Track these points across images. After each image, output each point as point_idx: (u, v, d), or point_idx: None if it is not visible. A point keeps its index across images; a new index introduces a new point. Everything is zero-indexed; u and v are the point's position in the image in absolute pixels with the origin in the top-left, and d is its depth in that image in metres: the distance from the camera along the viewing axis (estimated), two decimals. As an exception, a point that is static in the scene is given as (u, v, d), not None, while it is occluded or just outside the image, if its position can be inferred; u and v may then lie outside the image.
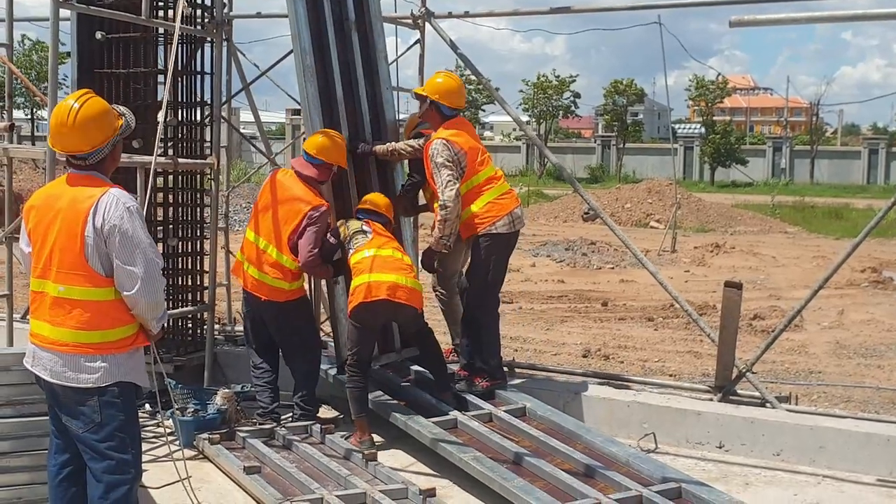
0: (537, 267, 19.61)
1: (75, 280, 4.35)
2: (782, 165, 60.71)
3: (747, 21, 6.45)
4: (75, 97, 4.47)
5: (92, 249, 4.33)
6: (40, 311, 4.45)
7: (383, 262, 6.68)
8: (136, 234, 4.36)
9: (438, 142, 7.04)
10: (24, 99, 49.36)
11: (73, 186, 4.44)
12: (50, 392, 4.52)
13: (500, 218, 7.11)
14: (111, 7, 7.64)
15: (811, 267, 20.17)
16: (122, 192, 4.45)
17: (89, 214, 4.32)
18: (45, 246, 4.43)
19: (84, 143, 4.42)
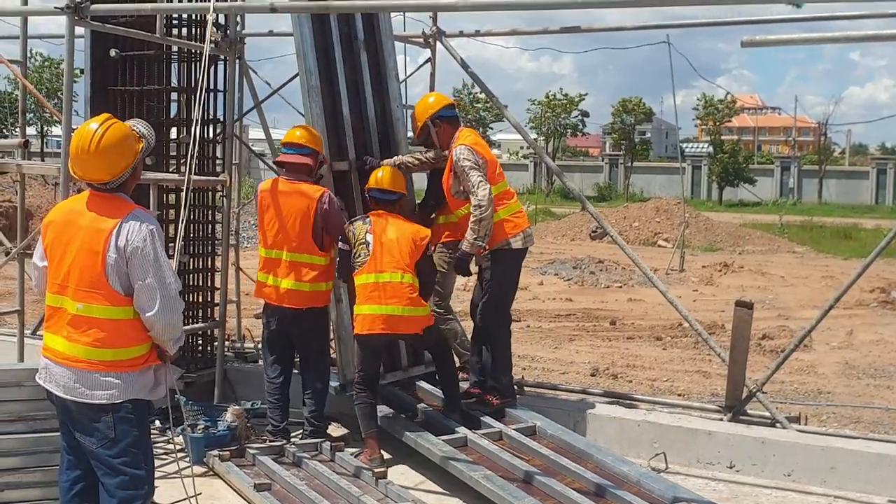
0: (545, 285, 19.59)
1: (94, 298, 4.37)
2: (790, 185, 60.67)
3: (759, 41, 6.47)
4: (98, 121, 4.48)
5: (112, 269, 4.35)
6: (56, 326, 4.47)
7: (381, 290, 6.72)
8: (158, 257, 4.39)
9: (463, 147, 7.07)
10: (35, 115, 49.61)
11: (96, 205, 4.46)
12: (63, 408, 4.53)
13: (515, 234, 7.15)
14: (126, 25, 7.69)
15: (820, 287, 20.12)
16: (145, 213, 4.50)
17: (112, 235, 4.34)
18: (63, 263, 4.45)
19: (106, 172, 4.44)
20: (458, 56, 8.58)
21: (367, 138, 7.79)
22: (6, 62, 8.28)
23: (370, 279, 6.76)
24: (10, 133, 42.18)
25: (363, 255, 6.81)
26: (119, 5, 7.75)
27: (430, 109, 7.40)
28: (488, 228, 6.95)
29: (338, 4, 7.53)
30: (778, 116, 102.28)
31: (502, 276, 7.21)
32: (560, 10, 7.24)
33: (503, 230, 7.11)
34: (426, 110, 7.42)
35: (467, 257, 7.09)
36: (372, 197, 7.17)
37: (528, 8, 6.49)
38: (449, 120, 7.39)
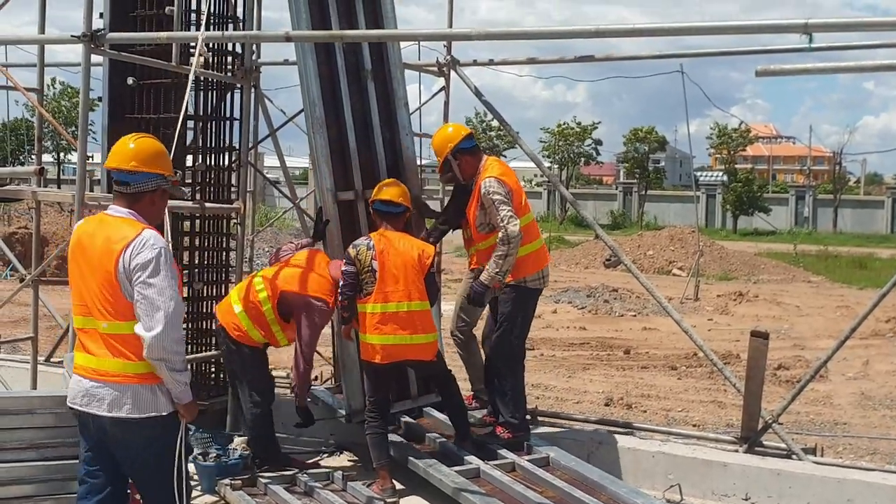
0: (559, 313, 19.54)
1: (116, 316, 4.44)
2: (805, 214, 60.49)
3: (773, 71, 6.48)
4: (135, 136, 4.76)
5: (125, 285, 4.41)
6: (89, 345, 4.53)
7: (389, 319, 6.67)
8: (160, 274, 4.39)
9: (493, 180, 7.03)
10: (52, 143, 49.98)
11: (109, 227, 4.55)
12: (98, 429, 4.52)
13: (533, 273, 7.13)
14: (142, 53, 7.74)
15: (835, 317, 20.01)
16: (155, 234, 4.53)
17: (122, 252, 4.41)
18: (84, 283, 4.53)
19: (134, 161, 4.58)
20: (472, 85, 8.60)
21: (375, 168, 7.80)
22: (22, 90, 8.34)
23: (377, 308, 6.69)
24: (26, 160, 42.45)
25: (370, 284, 6.73)
26: (135, 34, 7.82)
27: (449, 143, 7.33)
28: (512, 264, 6.92)
29: (352, 34, 7.59)
30: (792, 146, 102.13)
31: (517, 313, 7.18)
32: (574, 38, 7.26)
33: (524, 266, 7.08)
34: (445, 143, 7.34)
35: (485, 290, 7.06)
36: (376, 210, 7.05)
37: (541, 37, 6.52)
38: (470, 151, 7.34)
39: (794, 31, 5.34)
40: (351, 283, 6.78)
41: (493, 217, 6.96)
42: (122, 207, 4.58)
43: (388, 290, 6.70)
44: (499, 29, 6.77)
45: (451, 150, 7.31)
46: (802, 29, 5.26)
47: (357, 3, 7.90)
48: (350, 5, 7.88)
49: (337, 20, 7.72)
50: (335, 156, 7.59)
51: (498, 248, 6.88)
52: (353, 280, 6.78)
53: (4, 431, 5.36)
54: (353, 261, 6.77)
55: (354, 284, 6.78)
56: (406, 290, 6.72)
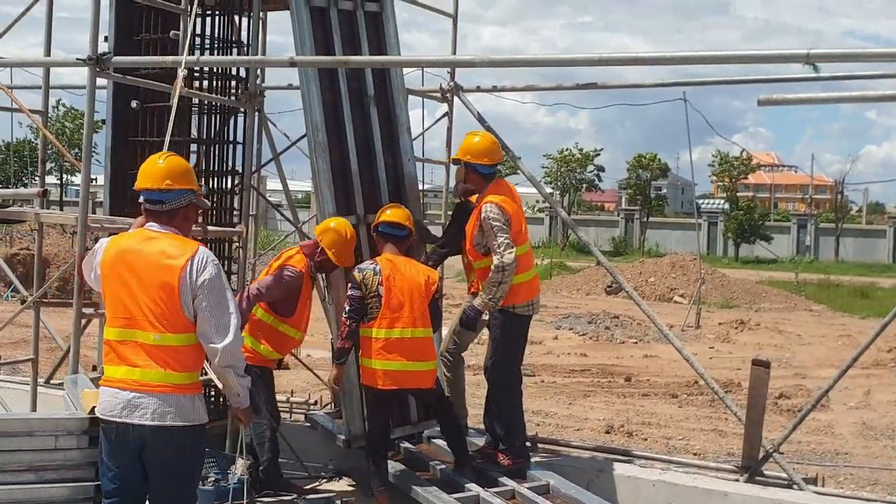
0: (560, 340, 19.51)
1: (170, 327, 4.58)
2: (807, 243, 60.47)
3: (775, 100, 6.50)
4: (160, 155, 4.89)
5: (186, 300, 4.58)
6: (131, 357, 4.61)
7: (394, 345, 6.66)
8: (223, 289, 4.66)
9: (492, 205, 7.02)
10: (56, 164, 50.09)
11: (158, 241, 4.69)
12: (138, 438, 4.59)
13: (523, 302, 7.14)
14: (147, 77, 7.78)
15: (837, 346, 19.97)
16: (208, 250, 4.75)
17: (186, 269, 4.58)
18: (131, 297, 4.62)
19: (168, 180, 4.73)
20: (475, 111, 8.62)
21: (377, 192, 7.83)
22: (27, 112, 8.37)
23: (381, 334, 6.67)
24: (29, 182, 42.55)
25: (374, 309, 6.70)
26: (140, 58, 7.86)
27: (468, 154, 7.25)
28: (505, 292, 6.93)
29: (356, 60, 7.64)
30: (794, 174, 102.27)
31: (507, 338, 7.19)
32: (578, 66, 7.30)
33: (515, 295, 7.09)
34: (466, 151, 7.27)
35: (477, 315, 7.08)
36: (381, 233, 7.04)
37: (545, 65, 6.55)
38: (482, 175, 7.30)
39: (796, 61, 5.37)
40: (356, 308, 6.73)
41: (489, 242, 6.97)
42: (163, 224, 4.75)
43: (394, 316, 6.68)
44: (502, 56, 6.82)
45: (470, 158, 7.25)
46: (805, 59, 5.29)
47: (360, 30, 7.96)
48: (354, 31, 7.94)
49: (340, 46, 7.77)
50: (337, 180, 7.61)
51: (492, 275, 6.89)
52: (359, 305, 6.73)
53: (3, 453, 5.33)
54: (359, 285, 6.73)
55: (360, 309, 6.73)
56: (411, 317, 6.72)
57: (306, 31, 7.57)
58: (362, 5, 8.01)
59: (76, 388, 5.90)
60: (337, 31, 7.79)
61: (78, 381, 6.14)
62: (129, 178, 7.01)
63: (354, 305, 6.73)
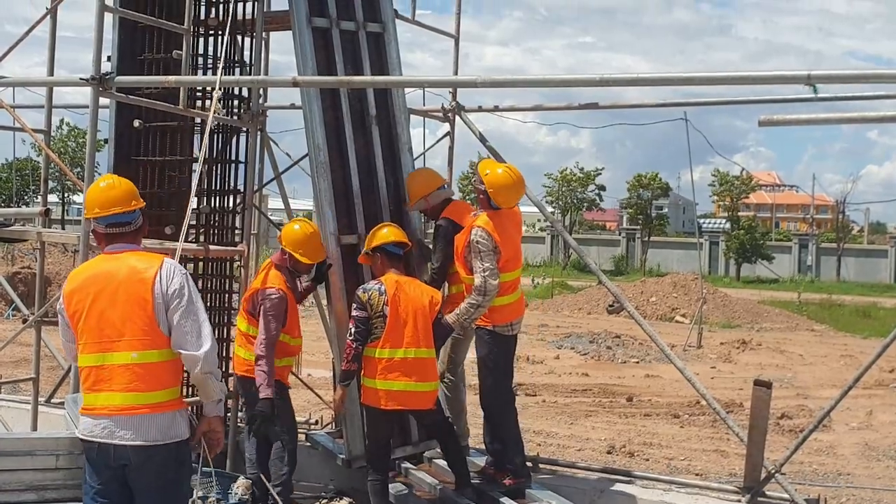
0: (561, 359, 19.48)
1: (148, 345, 4.57)
2: (808, 262, 60.43)
3: (776, 121, 6.49)
4: (104, 179, 4.95)
5: (160, 314, 4.57)
6: (107, 382, 4.59)
7: (398, 365, 6.65)
8: (194, 297, 4.64)
9: (482, 230, 7.03)
10: (58, 183, 50.14)
11: (125, 259, 4.69)
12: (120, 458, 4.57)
13: (503, 323, 7.17)
14: (149, 96, 7.80)
15: (839, 366, 19.93)
16: (173, 260, 4.78)
17: (155, 281, 4.57)
18: (103, 320, 4.60)
19: (133, 200, 4.78)
20: (476, 131, 8.65)
21: (378, 212, 7.84)
22: (30, 131, 8.40)
23: (384, 354, 6.66)
24: (32, 200, 42.61)
25: (379, 329, 6.69)
26: (143, 77, 7.89)
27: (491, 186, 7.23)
28: (480, 315, 6.99)
29: (359, 80, 7.67)
30: (795, 194, 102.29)
31: (493, 358, 7.22)
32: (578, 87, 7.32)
33: (498, 315, 7.13)
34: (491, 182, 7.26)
35: (448, 333, 7.13)
36: (389, 253, 6.99)
37: (546, 85, 6.58)
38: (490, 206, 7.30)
39: (797, 83, 5.39)
40: (362, 330, 6.69)
41: (475, 264, 6.98)
42: (126, 243, 4.75)
43: (398, 336, 6.67)
44: (504, 77, 6.85)
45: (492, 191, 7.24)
46: (805, 80, 5.31)
47: (362, 50, 7.99)
48: (356, 52, 7.97)
49: (342, 66, 7.80)
50: (339, 200, 7.63)
51: (472, 296, 6.92)
52: (364, 326, 6.69)
53: (4, 473, 5.32)
54: (365, 305, 6.69)
55: (365, 331, 6.70)
56: (415, 337, 6.71)
57: (308, 51, 7.60)
58: (364, 26, 8.05)
59: (76, 407, 5.88)
60: (339, 52, 7.82)
61: (78, 400, 6.09)
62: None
63: (360, 327, 6.68)
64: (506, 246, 7.10)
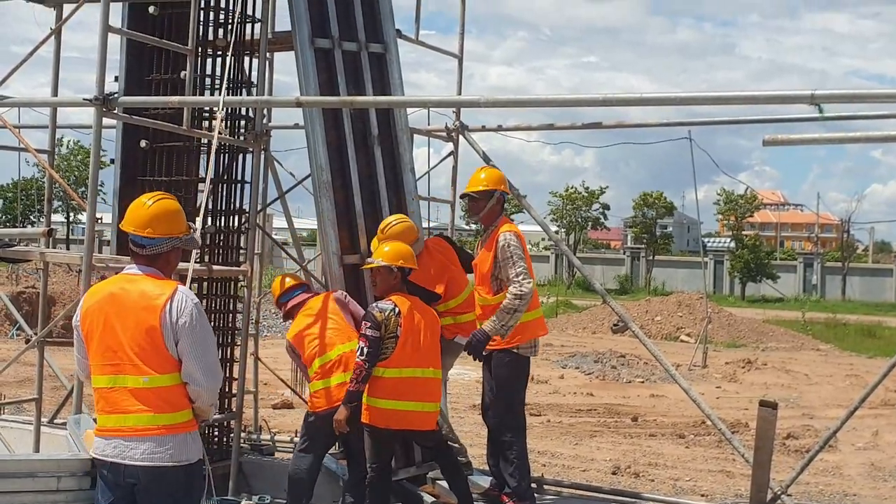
0: (566, 379, 19.43)
1: (158, 369, 4.58)
2: (814, 282, 60.32)
3: (781, 140, 6.49)
4: (150, 196, 4.85)
5: (170, 341, 4.56)
6: (119, 404, 4.60)
7: (405, 385, 6.66)
8: (205, 329, 4.65)
9: (512, 234, 7.06)
10: (62, 203, 50.21)
11: (139, 283, 4.68)
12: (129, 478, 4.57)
13: (527, 341, 7.13)
14: (156, 117, 7.81)
15: (845, 385, 19.85)
16: (186, 289, 4.75)
17: (165, 308, 4.56)
18: (115, 342, 4.61)
19: (149, 229, 4.71)
20: (480, 150, 8.64)
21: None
22: (34, 152, 8.39)
23: (393, 373, 6.66)
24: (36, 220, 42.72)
25: (389, 349, 6.67)
26: (147, 98, 7.90)
27: (503, 184, 7.38)
28: (517, 321, 6.90)
29: (362, 100, 7.68)
30: (800, 213, 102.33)
31: (512, 377, 7.16)
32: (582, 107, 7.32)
33: (521, 332, 7.06)
34: (502, 182, 7.38)
35: (486, 340, 6.99)
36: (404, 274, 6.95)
37: (550, 105, 6.58)
38: (504, 202, 7.46)
39: (800, 102, 5.38)
40: (373, 352, 6.62)
41: (506, 271, 6.93)
42: (143, 265, 4.73)
43: (409, 356, 6.68)
44: (507, 96, 6.83)
45: (502, 190, 7.36)
46: (809, 100, 5.30)
47: (364, 70, 8.02)
48: (358, 72, 7.99)
49: (345, 86, 7.84)
50: (341, 219, 7.66)
51: (508, 301, 6.85)
52: (376, 347, 6.63)
53: (5, 495, 5.31)
54: (379, 325, 6.63)
55: (376, 353, 6.63)
56: (424, 357, 6.75)
57: (311, 71, 7.63)
58: (366, 46, 8.09)
59: (79, 428, 5.88)
60: (341, 72, 7.85)
61: (81, 421, 6.11)
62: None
63: (372, 349, 6.60)
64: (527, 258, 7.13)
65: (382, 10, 8.29)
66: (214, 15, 8.40)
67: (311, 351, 7.03)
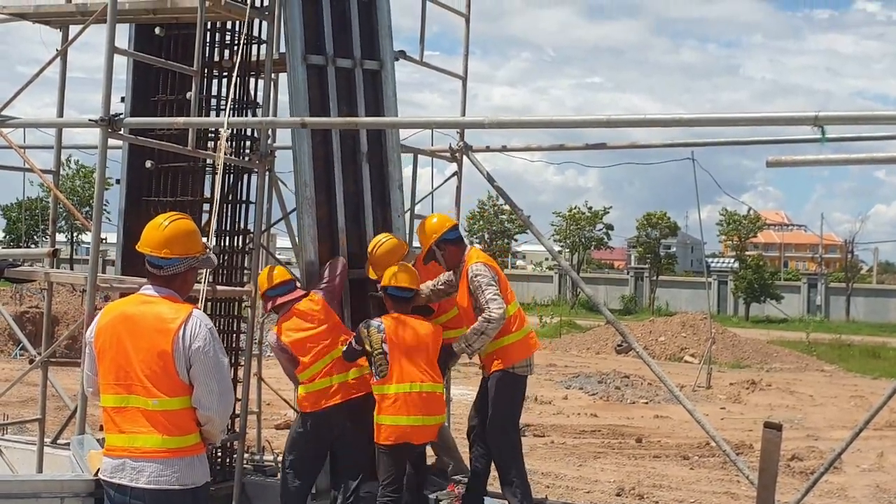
0: (569, 399, 19.37)
1: (168, 392, 4.56)
2: (818, 302, 60.20)
3: (784, 162, 6.48)
4: (166, 216, 4.84)
5: (181, 366, 4.55)
6: (129, 425, 4.59)
7: (405, 400, 6.78)
8: (218, 355, 4.63)
9: (480, 265, 7.11)
10: (66, 223, 50.31)
11: (155, 305, 4.67)
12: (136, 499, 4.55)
13: (521, 360, 7.15)
14: (161, 137, 7.84)
15: (849, 407, 19.78)
16: (201, 313, 4.72)
17: (179, 333, 4.55)
18: (128, 363, 4.60)
19: (166, 249, 4.70)
20: (484, 171, 8.65)
21: (362, 249, 7.93)
22: (39, 172, 8.42)
23: (391, 389, 6.80)
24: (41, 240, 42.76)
25: (384, 366, 6.82)
26: (152, 119, 7.94)
27: (433, 234, 7.39)
28: (485, 343, 6.99)
29: (368, 121, 7.71)
30: (804, 233, 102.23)
31: (506, 399, 7.18)
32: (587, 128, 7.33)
33: (513, 353, 7.11)
34: (431, 234, 7.42)
35: (450, 357, 7.24)
36: (390, 295, 7.13)
37: (553, 126, 6.59)
38: (455, 242, 7.44)
39: (804, 124, 5.39)
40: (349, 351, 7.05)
41: (479, 298, 7.00)
42: (160, 286, 4.73)
43: (405, 371, 6.82)
44: (511, 118, 6.85)
45: (435, 241, 7.38)
46: (813, 121, 5.31)
47: (358, 88, 8.08)
48: (351, 89, 8.07)
49: (336, 103, 7.92)
50: (323, 235, 7.79)
51: (478, 324, 6.94)
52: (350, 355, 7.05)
53: (8, 515, 5.30)
54: (362, 340, 6.93)
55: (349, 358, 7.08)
56: (422, 371, 6.86)
57: (301, 88, 7.74)
58: (361, 63, 8.14)
59: (82, 449, 5.87)
60: (333, 89, 7.93)
61: (84, 441, 6.10)
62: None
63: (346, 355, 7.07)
64: (502, 281, 7.17)
65: (381, 27, 8.34)
66: (220, 36, 8.44)
67: (310, 357, 7.18)
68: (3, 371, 18.72)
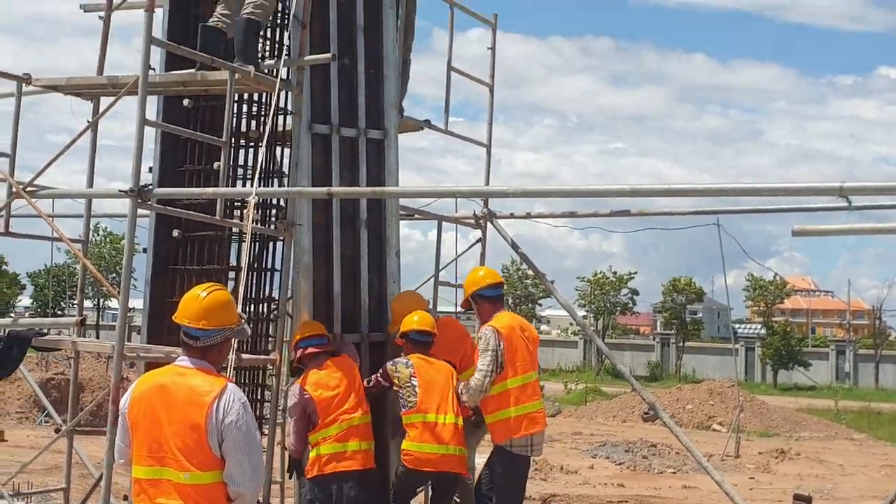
0: (595, 469, 19.13)
1: (200, 466, 4.55)
2: (846, 369, 59.49)
3: (810, 231, 6.46)
4: (204, 288, 4.87)
5: (214, 440, 4.54)
6: (160, 497, 4.57)
7: (433, 430, 7.14)
8: (251, 430, 4.63)
9: (489, 329, 7.33)
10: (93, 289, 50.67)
11: (190, 377, 4.68)
12: None
13: (521, 437, 7.14)
14: (188, 207, 7.92)
15: (880, 476, 19.44)
16: (235, 387, 4.73)
17: (213, 407, 4.55)
18: (160, 435, 4.60)
19: (204, 321, 4.72)
20: (508, 237, 8.70)
21: (357, 312, 8.11)
22: (69, 243, 8.50)
23: (418, 419, 7.18)
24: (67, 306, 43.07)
25: (412, 397, 7.21)
26: (181, 189, 8.02)
27: (472, 286, 7.70)
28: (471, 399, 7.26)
29: (391, 191, 7.79)
30: (831, 299, 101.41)
31: (503, 479, 7.19)
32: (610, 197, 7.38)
33: (513, 427, 7.14)
34: (470, 286, 7.74)
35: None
36: (413, 340, 7.52)
37: (577, 195, 6.64)
38: (490, 300, 7.65)
39: (830, 194, 5.40)
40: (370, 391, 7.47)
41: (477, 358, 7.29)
42: (196, 358, 4.74)
43: (430, 402, 7.19)
44: (535, 186, 6.90)
45: (472, 294, 7.67)
46: (838, 192, 5.32)
47: (361, 154, 8.26)
48: (354, 156, 8.23)
49: (338, 170, 8.10)
50: (319, 298, 7.93)
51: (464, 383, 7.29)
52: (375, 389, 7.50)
53: (31, 586, 5.28)
54: (390, 377, 7.34)
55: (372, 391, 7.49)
56: (446, 404, 7.22)
57: (305, 156, 7.92)
58: (365, 133, 8.28)
59: (107, 519, 5.85)
60: (336, 156, 8.10)
61: (109, 511, 6.08)
62: (168, 307, 7.10)
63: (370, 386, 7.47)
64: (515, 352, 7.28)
65: (386, 100, 8.53)
66: (248, 108, 8.57)
67: (330, 418, 7.29)
68: (28, 438, 18.72)
